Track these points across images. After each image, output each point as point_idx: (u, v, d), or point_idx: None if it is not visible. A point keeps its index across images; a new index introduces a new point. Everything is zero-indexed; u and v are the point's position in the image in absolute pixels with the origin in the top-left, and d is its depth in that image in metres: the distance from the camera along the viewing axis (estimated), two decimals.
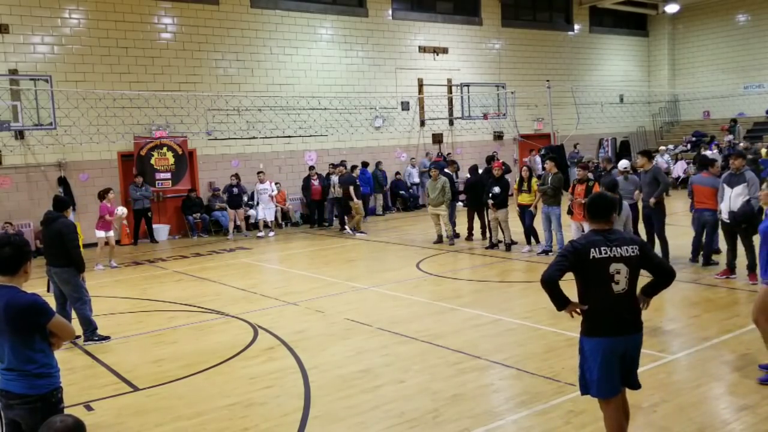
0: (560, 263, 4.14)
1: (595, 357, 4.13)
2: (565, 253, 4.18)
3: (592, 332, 4.18)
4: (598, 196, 4.40)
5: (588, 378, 4.21)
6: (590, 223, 4.34)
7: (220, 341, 7.84)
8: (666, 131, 29.15)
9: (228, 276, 11.95)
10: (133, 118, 16.62)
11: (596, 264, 4.10)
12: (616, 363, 4.15)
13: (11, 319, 3.67)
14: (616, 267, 4.12)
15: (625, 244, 4.18)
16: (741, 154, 9.97)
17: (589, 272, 4.14)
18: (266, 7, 18.89)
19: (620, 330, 4.15)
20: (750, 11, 26.67)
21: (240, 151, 18.56)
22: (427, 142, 22.46)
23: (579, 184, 11.08)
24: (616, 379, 4.17)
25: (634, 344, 4.24)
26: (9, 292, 3.72)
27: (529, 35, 25.05)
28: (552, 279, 4.10)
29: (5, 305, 3.68)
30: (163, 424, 5.52)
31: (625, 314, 4.16)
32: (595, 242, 4.15)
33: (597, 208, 4.28)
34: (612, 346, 4.13)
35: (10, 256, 3.77)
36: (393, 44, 21.42)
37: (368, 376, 6.39)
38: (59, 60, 15.89)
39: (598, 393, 4.19)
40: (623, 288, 4.14)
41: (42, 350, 3.78)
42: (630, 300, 4.20)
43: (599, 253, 4.12)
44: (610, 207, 4.30)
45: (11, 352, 3.73)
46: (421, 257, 12.80)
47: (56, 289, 8.03)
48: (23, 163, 15.63)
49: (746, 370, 6.04)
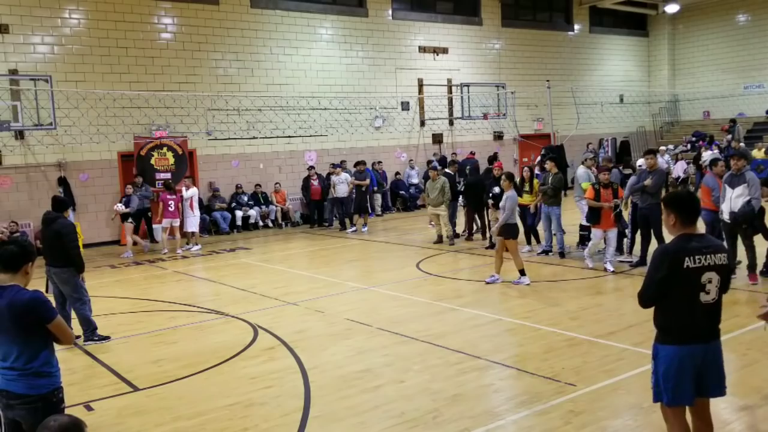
0: (655, 279, 3.80)
1: (671, 364, 3.86)
2: (658, 265, 3.82)
3: (671, 340, 3.88)
4: (688, 196, 3.99)
5: (662, 386, 3.91)
6: (678, 228, 3.90)
7: (220, 341, 7.84)
8: (666, 131, 29.16)
9: (228, 276, 11.95)
10: (133, 118, 16.62)
11: (689, 273, 3.78)
12: (691, 371, 3.86)
13: (15, 317, 3.68)
14: (708, 276, 3.81)
15: (718, 251, 3.86)
16: (742, 155, 9.96)
17: (679, 281, 3.80)
18: (266, 7, 18.89)
19: (699, 338, 3.87)
20: (750, 11, 26.67)
21: (240, 151, 18.56)
22: (427, 142, 22.46)
23: (604, 188, 10.51)
24: (690, 388, 3.87)
25: (713, 351, 3.93)
26: (11, 291, 3.75)
27: (529, 35, 25.05)
28: (652, 302, 3.89)
29: (8, 303, 3.69)
30: (163, 424, 5.52)
31: (708, 323, 3.90)
32: (688, 249, 3.79)
33: (689, 210, 3.86)
34: (690, 354, 3.85)
35: (14, 253, 3.81)
36: (393, 44, 21.42)
37: (368, 376, 6.39)
38: (59, 60, 15.89)
39: (671, 401, 3.90)
40: (713, 298, 3.86)
41: (44, 349, 3.79)
42: (717, 309, 3.92)
43: (693, 262, 3.79)
44: (699, 207, 3.95)
45: (13, 351, 3.74)
46: (421, 257, 12.80)
47: (56, 289, 8.03)
48: (23, 163, 15.63)
49: (746, 370, 6.04)
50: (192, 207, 15.25)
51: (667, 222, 3.95)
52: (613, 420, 5.14)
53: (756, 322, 6.45)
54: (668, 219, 3.93)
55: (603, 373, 6.03)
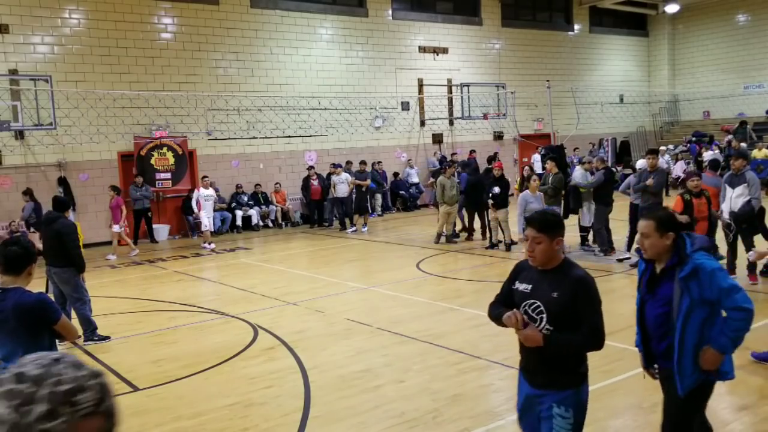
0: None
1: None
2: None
3: (585, 379, 3.50)
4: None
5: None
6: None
7: (220, 341, 7.84)
8: (666, 131, 29.16)
9: (228, 276, 11.96)
10: (133, 118, 16.62)
11: None
12: None
13: (21, 319, 3.69)
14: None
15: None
16: (743, 155, 9.97)
17: None
18: (266, 7, 18.89)
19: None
20: (750, 11, 26.67)
21: (240, 151, 18.56)
22: (427, 142, 22.46)
23: (696, 198, 8.80)
24: None
25: None
26: (16, 293, 3.76)
27: (529, 35, 25.05)
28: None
29: (14, 305, 3.70)
30: (163, 424, 5.52)
31: None
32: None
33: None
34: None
35: (18, 255, 3.81)
36: (393, 44, 21.41)
37: (368, 376, 6.39)
38: (59, 60, 15.89)
39: None
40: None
41: (49, 350, 3.80)
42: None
43: None
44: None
45: (17, 352, 3.74)
46: (421, 257, 12.80)
47: (56, 289, 8.04)
48: (23, 163, 15.63)
49: (746, 370, 6.03)
50: (200, 207, 15.15)
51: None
52: (612, 420, 5.14)
53: (756, 321, 6.47)
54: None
55: (602, 373, 6.02)
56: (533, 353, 3.38)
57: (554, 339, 3.29)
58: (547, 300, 3.33)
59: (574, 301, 3.29)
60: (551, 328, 3.31)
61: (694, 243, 3.66)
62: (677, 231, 3.70)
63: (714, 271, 3.56)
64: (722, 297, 3.58)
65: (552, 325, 3.31)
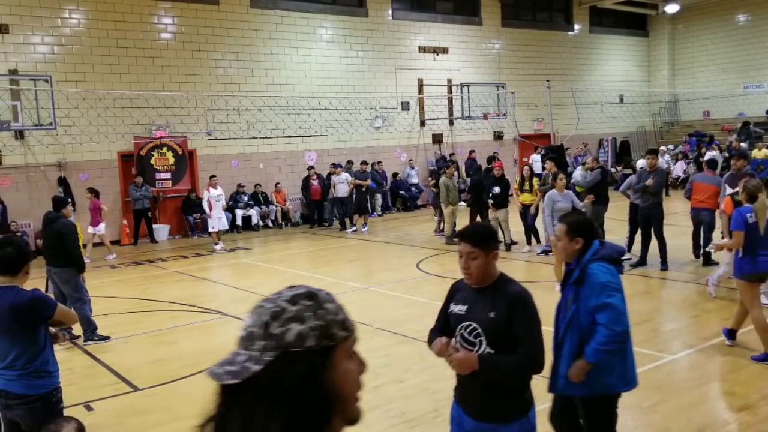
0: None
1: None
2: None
3: (531, 402, 3.35)
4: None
5: None
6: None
7: (220, 341, 7.82)
8: (666, 131, 29.16)
9: (228, 276, 11.96)
10: (133, 118, 16.62)
11: None
12: None
13: (17, 317, 3.71)
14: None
15: None
16: (743, 155, 9.98)
17: None
18: (266, 7, 18.89)
19: None
20: (750, 11, 26.67)
21: (240, 151, 18.56)
22: (427, 142, 22.45)
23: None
24: None
25: None
26: (11, 292, 3.77)
27: (529, 35, 25.05)
28: None
29: (10, 305, 3.72)
30: (163, 424, 5.52)
31: None
32: None
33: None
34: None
35: (13, 256, 3.82)
36: (393, 44, 21.41)
37: (368, 376, 6.26)
38: (59, 60, 15.89)
39: None
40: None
41: (43, 349, 3.81)
42: None
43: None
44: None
45: (13, 351, 3.75)
46: (421, 257, 12.80)
47: (56, 288, 8.04)
48: (23, 163, 15.63)
49: (746, 370, 6.03)
50: (211, 207, 14.91)
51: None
52: None
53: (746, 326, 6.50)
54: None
55: None
56: (470, 381, 3.08)
57: (487, 361, 3.01)
58: (483, 321, 3.08)
59: (509, 320, 3.04)
60: (492, 351, 3.05)
61: (599, 251, 3.69)
62: (588, 237, 3.74)
63: (601, 284, 3.58)
64: (598, 310, 3.60)
65: (493, 347, 3.05)
